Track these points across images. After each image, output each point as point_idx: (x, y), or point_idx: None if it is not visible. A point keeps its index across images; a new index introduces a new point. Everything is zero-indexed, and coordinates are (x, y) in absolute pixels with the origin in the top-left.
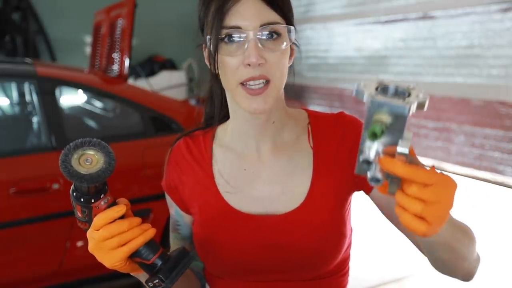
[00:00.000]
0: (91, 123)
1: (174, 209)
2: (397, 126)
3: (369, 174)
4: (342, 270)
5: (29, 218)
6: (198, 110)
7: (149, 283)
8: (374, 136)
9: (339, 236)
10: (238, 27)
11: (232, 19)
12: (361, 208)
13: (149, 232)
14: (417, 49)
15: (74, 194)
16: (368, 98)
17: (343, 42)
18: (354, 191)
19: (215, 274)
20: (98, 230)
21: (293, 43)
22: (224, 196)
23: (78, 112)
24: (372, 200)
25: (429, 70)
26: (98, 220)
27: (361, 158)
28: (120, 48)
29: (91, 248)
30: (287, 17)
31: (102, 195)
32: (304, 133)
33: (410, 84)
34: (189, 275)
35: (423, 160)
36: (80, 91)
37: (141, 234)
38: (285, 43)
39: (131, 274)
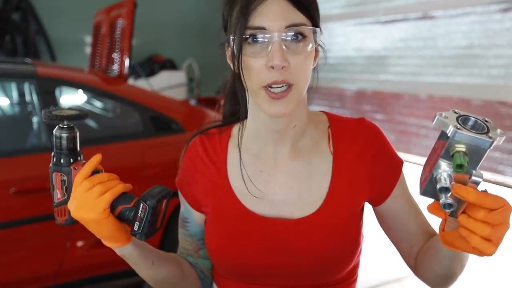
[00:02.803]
0: (91, 123)
1: (184, 206)
2: (475, 157)
3: (442, 201)
4: (351, 277)
5: (29, 218)
6: (201, 110)
7: (134, 226)
8: (460, 168)
9: (353, 244)
10: (263, 28)
11: (256, 19)
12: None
13: (128, 184)
14: (417, 49)
15: (54, 159)
16: (453, 130)
17: (343, 42)
18: (366, 200)
19: (224, 275)
20: (81, 184)
21: (319, 45)
22: (238, 197)
23: None
24: (378, 213)
25: (429, 70)
26: (79, 174)
27: (439, 185)
28: (120, 48)
29: (74, 209)
30: (313, 18)
31: (79, 158)
32: (324, 137)
33: (485, 117)
34: (188, 272)
35: (422, 160)
36: (80, 91)
37: (120, 183)
38: (310, 45)
39: (118, 252)
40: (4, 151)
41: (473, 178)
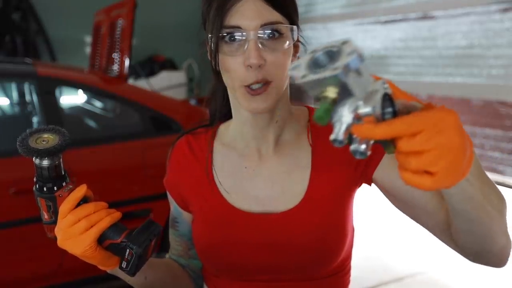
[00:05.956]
0: (91, 123)
1: (173, 206)
2: (346, 92)
3: (351, 147)
4: (342, 270)
5: (29, 218)
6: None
7: (122, 263)
8: (321, 120)
9: (340, 235)
10: (238, 27)
11: (232, 18)
12: (361, 207)
13: (116, 214)
14: (417, 49)
15: (37, 185)
16: (300, 82)
17: None
18: (356, 187)
19: (214, 273)
20: (65, 217)
21: (298, 41)
22: (223, 194)
23: (78, 112)
24: (388, 194)
25: (429, 70)
26: (64, 206)
27: (331, 137)
28: (120, 48)
29: (60, 240)
30: (290, 16)
31: (64, 183)
32: (304, 131)
33: (342, 40)
34: (180, 275)
35: None
36: (80, 91)
37: (107, 215)
38: (287, 42)
39: (108, 271)
40: (4, 151)
41: (360, 111)
